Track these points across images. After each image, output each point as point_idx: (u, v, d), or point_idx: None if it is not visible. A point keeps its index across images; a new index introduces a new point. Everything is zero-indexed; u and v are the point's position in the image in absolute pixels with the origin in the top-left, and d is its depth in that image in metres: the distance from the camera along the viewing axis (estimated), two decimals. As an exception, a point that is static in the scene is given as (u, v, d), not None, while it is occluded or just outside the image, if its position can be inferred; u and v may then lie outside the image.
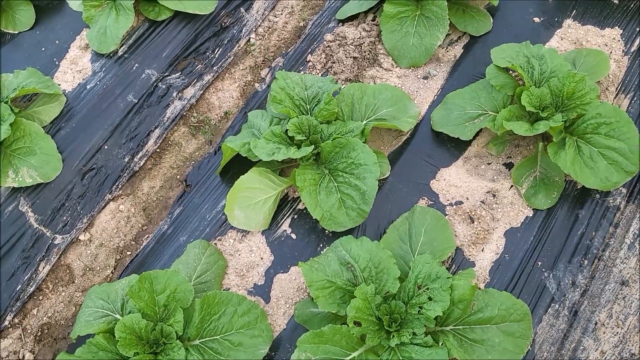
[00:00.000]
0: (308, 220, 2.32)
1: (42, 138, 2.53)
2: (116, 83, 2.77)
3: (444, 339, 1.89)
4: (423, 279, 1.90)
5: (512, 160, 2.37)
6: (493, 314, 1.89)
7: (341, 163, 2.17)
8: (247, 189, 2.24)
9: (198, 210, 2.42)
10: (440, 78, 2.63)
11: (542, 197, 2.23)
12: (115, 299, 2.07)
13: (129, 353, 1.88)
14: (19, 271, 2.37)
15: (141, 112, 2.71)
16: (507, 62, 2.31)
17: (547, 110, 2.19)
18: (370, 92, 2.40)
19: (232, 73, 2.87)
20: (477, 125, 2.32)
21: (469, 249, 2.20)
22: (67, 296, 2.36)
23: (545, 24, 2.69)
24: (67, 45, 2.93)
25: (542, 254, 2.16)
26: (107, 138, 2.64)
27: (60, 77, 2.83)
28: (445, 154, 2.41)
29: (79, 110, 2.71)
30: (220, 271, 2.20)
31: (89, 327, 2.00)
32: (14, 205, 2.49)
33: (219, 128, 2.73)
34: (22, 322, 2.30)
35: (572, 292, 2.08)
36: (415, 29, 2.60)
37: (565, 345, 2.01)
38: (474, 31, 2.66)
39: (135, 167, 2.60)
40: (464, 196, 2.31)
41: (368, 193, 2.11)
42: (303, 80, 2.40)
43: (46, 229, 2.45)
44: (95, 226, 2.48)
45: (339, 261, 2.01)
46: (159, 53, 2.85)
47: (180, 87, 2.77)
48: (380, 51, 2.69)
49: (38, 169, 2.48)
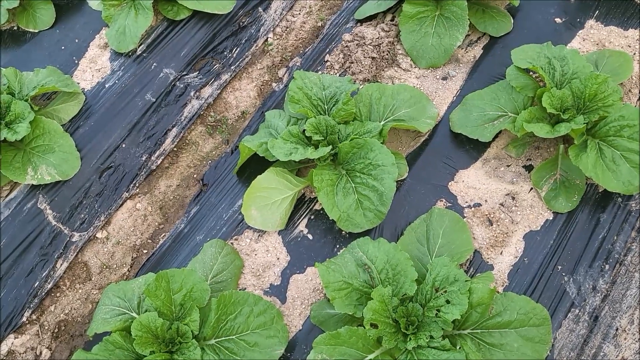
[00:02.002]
0: (325, 221, 2.31)
1: (61, 136, 2.55)
2: (134, 82, 2.79)
3: (462, 343, 1.87)
4: (441, 282, 1.89)
5: (532, 162, 2.34)
6: (512, 318, 1.87)
7: (359, 164, 2.16)
8: (264, 189, 2.24)
9: (215, 209, 2.42)
10: (459, 79, 2.60)
11: (562, 200, 2.20)
12: (131, 297, 2.08)
13: (145, 351, 1.88)
14: (36, 268, 2.38)
15: (159, 111, 2.72)
16: (528, 63, 2.28)
17: (569, 112, 2.16)
18: (388, 93, 2.39)
19: (250, 73, 2.87)
20: (496, 127, 2.30)
21: (487, 252, 2.17)
22: (84, 293, 2.37)
23: (567, 24, 2.65)
24: (86, 44, 2.95)
25: (562, 258, 2.13)
26: (125, 137, 2.66)
27: (79, 75, 2.85)
28: (464, 155, 2.39)
29: (98, 109, 2.73)
30: (236, 271, 2.19)
31: (106, 324, 2.01)
32: (32, 203, 2.51)
33: (235, 127, 2.73)
34: (40, 318, 2.32)
35: (593, 297, 2.05)
36: (435, 29, 2.58)
37: (585, 351, 1.97)
38: (494, 32, 2.64)
39: (152, 166, 2.60)
40: (482, 198, 2.28)
41: (386, 194, 2.09)
42: (321, 80, 2.39)
43: (64, 226, 2.46)
44: (112, 224, 2.49)
45: (355, 262, 2.00)
46: (177, 52, 2.86)
47: (197, 86, 2.77)
48: (399, 51, 2.68)
49: (57, 167, 2.50)
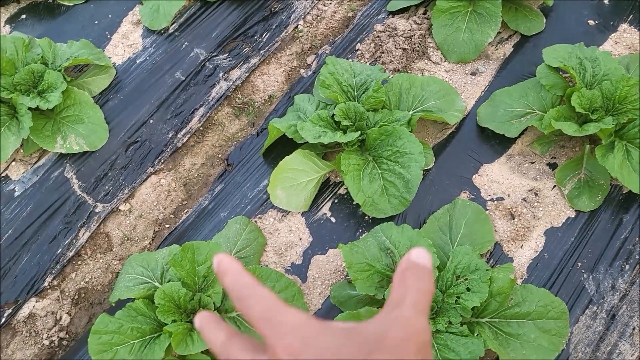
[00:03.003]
0: (348, 205, 2.33)
1: (91, 108, 2.59)
2: (165, 60, 2.82)
3: (479, 330, 1.89)
4: (462, 270, 1.91)
5: (557, 160, 2.36)
6: (530, 310, 1.89)
7: (386, 151, 2.18)
8: (290, 170, 2.27)
9: (240, 188, 2.45)
10: (488, 75, 2.62)
11: (585, 199, 2.21)
12: (155, 267, 2.11)
13: (167, 320, 1.91)
14: (60, 235, 2.42)
15: (187, 90, 2.75)
16: (559, 63, 2.30)
17: (597, 112, 2.18)
18: (418, 84, 2.41)
19: (278, 58, 2.90)
20: (523, 124, 2.32)
21: (507, 245, 2.19)
22: (105, 263, 2.40)
23: (600, 27, 2.67)
24: (119, 20, 2.99)
25: (583, 256, 2.14)
26: (153, 113, 2.69)
27: (111, 50, 2.89)
28: (489, 150, 2.41)
29: (128, 84, 2.76)
30: (259, 248, 2.22)
31: (129, 292, 2.04)
32: (59, 171, 2.54)
33: (262, 111, 2.75)
34: (61, 284, 2.35)
35: (611, 295, 2.07)
36: (467, 25, 2.60)
37: (600, 348, 1.99)
38: (526, 30, 2.65)
39: (178, 143, 2.64)
40: (505, 193, 2.30)
41: (412, 182, 2.11)
42: (352, 67, 2.42)
43: (88, 196, 2.50)
44: (135, 197, 2.53)
45: (378, 246, 2.02)
46: (209, 33, 2.89)
47: (226, 68, 2.80)
48: (429, 44, 2.70)
49: (85, 138, 2.53)
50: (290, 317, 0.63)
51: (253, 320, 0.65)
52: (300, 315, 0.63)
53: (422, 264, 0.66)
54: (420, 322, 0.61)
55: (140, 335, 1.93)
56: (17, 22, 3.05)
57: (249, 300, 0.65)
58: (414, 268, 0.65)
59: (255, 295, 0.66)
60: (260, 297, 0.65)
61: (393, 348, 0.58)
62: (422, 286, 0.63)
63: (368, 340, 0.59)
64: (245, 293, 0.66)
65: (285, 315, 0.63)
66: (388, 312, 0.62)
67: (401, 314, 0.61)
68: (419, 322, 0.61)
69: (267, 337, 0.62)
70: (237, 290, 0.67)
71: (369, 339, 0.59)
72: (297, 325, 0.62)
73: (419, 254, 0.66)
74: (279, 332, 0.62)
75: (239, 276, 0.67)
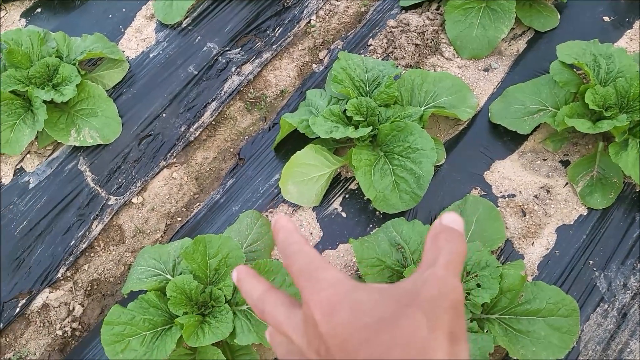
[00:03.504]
0: (359, 200, 2.34)
1: (105, 101, 2.61)
2: (178, 54, 2.84)
3: (489, 327, 1.89)
4: (472, 266, 1.91)
5: (569, 158, 2.35)
6: (541, 307, 1.89)
7: (397, 146, 2.19)
8: (302, 165, 2.27)
9: (251, 182, 2.46)
10: (500, 71, 2.61)
11: (598, 196, 2.20)
12: (167, 259, 2.13)
13: (179, 312, 1.93)
14: (73, 227, 2.45)
15: (200, 84, 2.76)
16: (573, 59, 2.28)
17: (611, 110, 2.17)
18: (430, 80, 2.41)
19: (291, 53, 2.90)
20: (536, 120, 2.31)
21: (518, 242, 2.19)
22: (117, 255, 2.43)
23: (615, 23, 2.65)
24: (133, 14, 3.01)
25: (594, 253, 2.14)
26: (166, 107, 2.71)
27: (124, 44, 2.91)
28: (501, 146, 2.40)
29: (141, 78, 2.78)
30: (270, 242, 2.23)
31: (141, 284, 2.06)
32: (73, 164, 2.57)
33: (274, 105, 2.76)
34: (74, 276, 2.38)
35: (623, 294, 2.06)
36: (480, 21, 2.59)
37: (611, 346, 1.99)
38: (540, 26, 2.63)
39: (190, 137, 2.65)
40: (517, 189, 2.30)
41: (423, 178, 2.11)
42: (364, 62, 2.42)
43: (101, 189, 2.52)
44: (148, 191, 2.55)
45: (389, 242, 2.03)
46: (222, 28, 2.90)
47: (239, 62, 2.81)
48: (442, 40, 2.69)
49: (99, 131, 2.56)
50: (328, 274, 0.65)
51: (294, 275, 0.67)
52: (338, 274, 0.65)
53: (455, 227, 0.66)
54: (453, 281, 0.61)
55: (152, 327, 1.95)
56: (32, 16, 3.08)
57: (293, 256, 0.68)
58: (446, 231, 0.66)
59: (301, 252, 0.68)
60: (305, 254, 0.68)
61: (427, 304, 0.58)
62: (454, 248, 0.64)
63: (402, 296, 0.60)
64: (292, 249, 0.69)
65: (324, 272, 0.65)
66: (421, 273, 0.63)
67: (434, 273, 0.61)
68: (452, 281, 0.61)
69: (303, 292, 0.64)
70: (285, 246, 0.70)
71: (403, 296, 0.60)
72: (334, 281, 0.63)
73: (452, 218, 0.67)
74: (315, 287, 0.63)
75: (290, 234, 0.71)
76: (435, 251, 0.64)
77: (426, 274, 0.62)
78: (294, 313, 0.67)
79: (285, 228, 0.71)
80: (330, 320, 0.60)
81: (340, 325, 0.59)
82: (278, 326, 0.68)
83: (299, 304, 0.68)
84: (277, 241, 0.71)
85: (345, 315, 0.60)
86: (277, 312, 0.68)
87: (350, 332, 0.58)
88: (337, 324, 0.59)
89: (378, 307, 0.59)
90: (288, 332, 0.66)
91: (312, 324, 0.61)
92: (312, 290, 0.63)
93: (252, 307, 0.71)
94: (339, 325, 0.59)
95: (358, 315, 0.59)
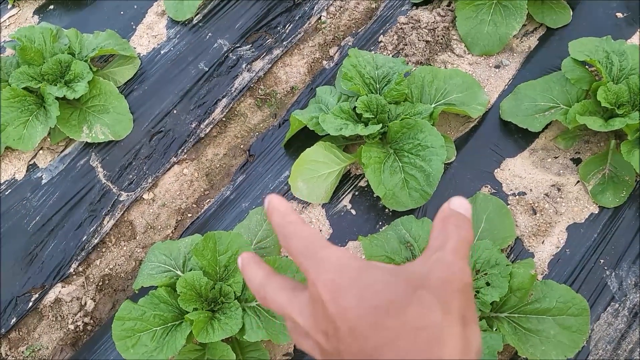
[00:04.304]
0: (369, 197, 2.34)
1: (116, 98, 2.63)
2: (189, 50, 2.85)
3: (498, 325, 1.89)
4: (482, 264, 1.91)
5: (581, 156, 2.33)
6: (550, 306, 1.88)
7: (407, 144, 2.18)
8: (312, 162, 2.28)
9: (261, 179, 2.47)
10: (512, 68, 2.59)
11: (609, 195, 2.19)
12: (177, 256, 2.14)
13: (189, 307, 1.94)
14: (85, 223, 2.47)
15: (211, 80, 2.77)
16: (585, 56, 2.27)
17: (624, 107, 2.15)
18: (441, 77, 2.40)
19: (301, 49, 2.90)
20: (547, 118, 2.29)
21: (529, 240, 2.18)
22: (128, 251, 2.45)
23: (629, 20, 2.62)
24: (144, 11, 3.02)
25: (605, 252, 2.12)
26: (177, 103, 2.72)
27: (136, 40, 2.92)
28: (512, 144, 2.39)
29: (152, 74, 2.80)
30: (279, 239, 2.24)
31: (151, 279, 2.08)
32: (85, 160, 2.59)
33: (284, 102, 2.77)
34: (86, 271, 2.41)
35: (634, 293, 2.05)
36: (491, 17, 2.57)
37: (622, 346, 1.98)
38: (552, 23, 2.61)
39: (201, 134, 2.66)
40: (527, 187, 2.28)
41: (433, 175, 2.11)
42: (374, 59, 2.41)
43: (113, 185, 2.54)
44: (159, 187, 2.56)
45: (398, 239, 2.03)
46: (232, 24, 2.91)
47: (249, 59, 2.82)
48: (453, 37, 2.68)
49: (110, 127, 2.58)
50: (332, 253, 0.63)
51: (295, 256, 0.65)
52: (342, 252, 0.64)
53: (463, 212, 0.66)
54: (461, 265, 0.61)
55: (162, 323, 1.97)
56: (45, 13, 3.10)
57: (291, 237, 0.66)
58: (455, 215, 0.65)
59: (298, 231, 0.66)
60: (303, 233, 0.66)
61: (437, 287, 0.58)
62: (462, 233, 0.64)
63: (411, 278, 0.59)
64: (289, 230, 0.67)
65: (327, 250, 0.64)
66: (429, 256, 0.62)
67: (444, 257, 0.61)
68: (461, 266, 0.61)
69: (307, 273, 0.63)
70: (281, 227, 0.67)
71: (412, 278, 0.60)
72: (340, 261, 0.62)
73: (460, 203, 0.67)
74: (320, 268, 0.62)
75: (285, 214, 0.68)
76: (443, 236, 0.64)
77: (434, 257, 0.62)
78: (296, 295, 0.66)
79: (278, 209, 0.69)
80: (339, 301, 0.59)
81: (349, 308, 0.58)
82: (281, 310, 0.67)
83: (302, 287, 0.67)
84: (273, 223, 0.69)
85: (353, 297, 0.59)
86: (278, 296, 0.67)
87: (360, 314, 0.58)
88: (346, 307, 0.59)
89: (387, 290, 0.58)
90: (292, 314, 0.65)
91: (320, 304, 0.61)
92: (319, 271, 0.62)
93: (254, 294, 0.70)
94: (348, 308, 0.58)
95: (367, 297, 0.58)
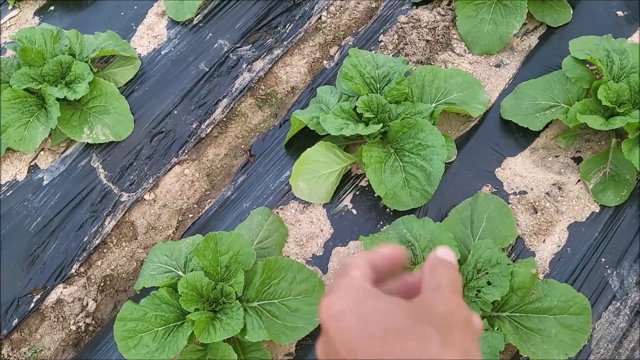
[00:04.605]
0: (369, 197, 2.34)
1: (117, 98, 2.63)
2: (189, 51, 2.85)
3: (500, 324, 1.89)
4: (483, 264, 1.90)
5: (582, 154, 2.33)
6: (552, 305, 1.88)
7: (408, 143, 2.18)
8: (312, 162, 2.28)
9: (262, 179, 2.47)
10: (512, 67, 2.59)
11: (610, 193, 2.19)
12: (178, 256, 2.15)
13: (190, 308, 1.94)
14: (86, 223, 2.48)
15: (211, 81, 2.77)
16: (586, 55, 2.26)
17: (624, 106, 2.14)
18: (441, 76, 2.40)
19: (301, 49, 2.90)
20: (548, 117, 2.29)
21: (530, 239, 2.18)
22: (130, 251, 2.45)
23: (629, 18, 2.61)
24: (144, 11, 3.02)
25: (607, 251, 2.12)
26: (177, 103, 2.72)
27: (136, 41, 2.93)
28: (513, 143, 2.39)
29: (153, 75, 2.80)
30: (281, 239, 2.24)
31: (153, 280, 2.08)
32: (86, 161, 2.60)
33: (285, 102, 2.77)
34: (87, 271, 2.41)
35: (636, 291, 2.04)
36: (491, 16, 2.57)
37: (623, 344, 1.98)
38: (552, 22, 2.61)
39: (201, 134, 2.66)
40: (528, 186, 2.28)
41: (434, 175, 2.11)
42: (375, 59, 2.41)
43: (114, 185, 2.55)
44: (160, 187, 2.57)
45: (399, 239, 2.03)
46: (232, 24, 2.91)
47: (250, 59, 2.82)
48: (453, 36, 2.68)
49: (111, 128, 2.58)
50: (347, 276, 0.68)
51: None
52: (354, 278, 0.68)
53: (448, 259, 0.71)
54: (458, 302, 0.65)
55: (164, 323, 1.97)
56: (45, 14, 3.11)
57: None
58: (443, 263, 0.70)
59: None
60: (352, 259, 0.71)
61: (439, 320, 0.61)
62: (452, 276, 0.69)
63: (414, 310, 0.63)
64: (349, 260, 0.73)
65: (349, 271, 0.68)
66: (425, 296, 0.66)
67: (441, 295, 0.65)
68: (458, 302, 0.65)
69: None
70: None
71: (415, 310, 0.63)
72: (346, 285, 0.66)
73: (445, 252, 0.72)
74: (329, 289, 0.66)
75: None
76: (436, 279, 0.68)
77: (431, 295, 0.65)
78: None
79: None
80: (338, 325, 0.62)
81: (347, 332, 0.61)
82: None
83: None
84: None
85: (352, 322, 0.61)
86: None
87: (358, 340, 0.60)
88: (344, 330, 0.61)
89: (386, 319, 0.61)
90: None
91: (324, 326, 0.63)
92: (327, 291, 0.66)
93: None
94: (346, 332, 0.61)
95: (365, 324, 0.61)
